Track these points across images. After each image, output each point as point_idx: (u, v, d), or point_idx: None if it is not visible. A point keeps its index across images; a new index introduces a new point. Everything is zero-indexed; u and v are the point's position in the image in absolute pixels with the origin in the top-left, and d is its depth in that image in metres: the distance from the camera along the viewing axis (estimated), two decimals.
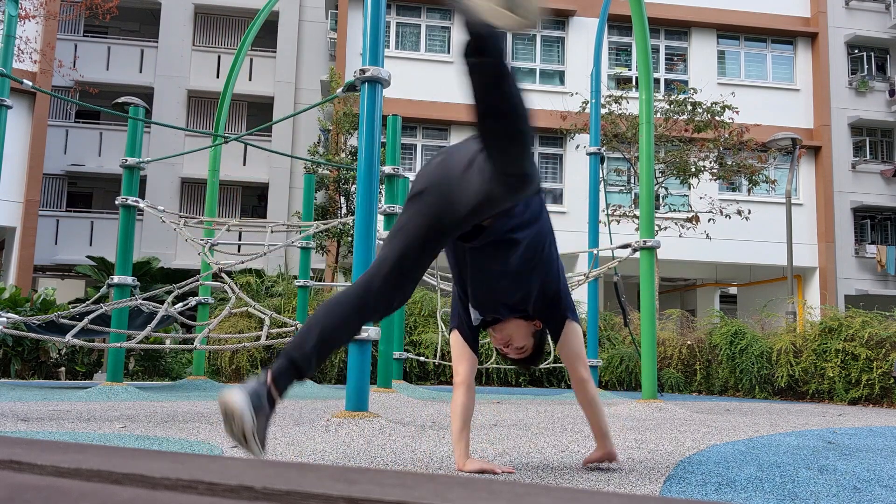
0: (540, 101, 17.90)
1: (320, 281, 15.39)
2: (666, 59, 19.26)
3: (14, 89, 8.46)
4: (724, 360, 9.85)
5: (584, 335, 6.74)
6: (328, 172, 14.36)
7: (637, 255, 6.18)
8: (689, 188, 15.73)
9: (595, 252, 7.56)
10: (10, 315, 5.87)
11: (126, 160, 6.85)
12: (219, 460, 0.51)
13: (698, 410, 6.16)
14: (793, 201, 17.63)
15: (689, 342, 10.66)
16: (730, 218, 14.86)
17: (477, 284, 2.32)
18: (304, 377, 2.01)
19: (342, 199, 14.47)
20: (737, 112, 14.43)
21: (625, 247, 6.90)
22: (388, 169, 7.04)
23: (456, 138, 17.88)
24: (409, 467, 2.63)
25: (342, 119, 14.36)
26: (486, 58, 1.77)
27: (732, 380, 9.74)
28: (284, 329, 5.73)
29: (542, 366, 8.58)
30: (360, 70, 4.05)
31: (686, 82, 18.28)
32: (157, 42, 21.80)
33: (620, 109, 14.36)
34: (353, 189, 13.98)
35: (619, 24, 18.25)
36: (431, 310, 10.98)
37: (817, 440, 3.77)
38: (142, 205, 6.86)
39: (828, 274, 18.62)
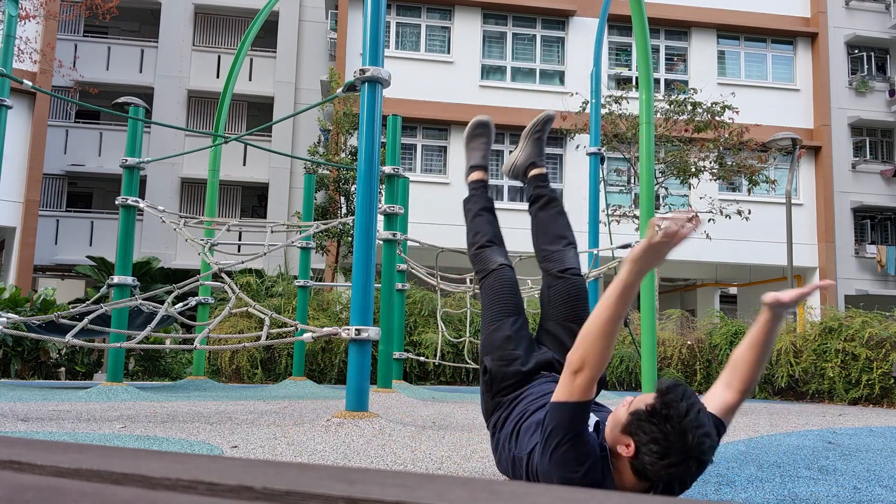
0: (540, 101, 17.90)
1: (320, 281, 15.39)
2: (666, 59, 19.26)
3: (14, 89, 8.46)
4: (724, 360, 9.85)
5: None
6: (328, 172, 14.35)
7: None
8: (689, 188, 15.72)
9: (595, 252, 7.56)
10: (10, 315, 5.87)
11: (126, 160, 6.85)
12: (219, 460, 0.51)
13: None
14: (793, 201, 17.62)
15: (689, 342, 10.65)
16: (730, 218, 14.86)
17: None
18: None
19: (342, 199, 14.47)
20: (737, 112, 14.43)
21: (625, 247, 6.91)
22: (388, 169, 7.04)
23: (456, 138, 17.87)
24: (409, 467, 2.63)
25: (342, 119, 14.35)
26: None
27: None
28: (284, 329, 5.72)
29: None
30: (360, 70, 4.05)
31: (686, 82, 18.28)
32: (157, 42, 21.80)
33: (620, 109, 14.36)
34: (353, 189, 13.97)
35: (619, 24, 18.25)
36: (431, 310, 10.97)
37: (817, 440, 3.77)
38: (142, 205, 6.86)
39: (828, 274, 18.61)
